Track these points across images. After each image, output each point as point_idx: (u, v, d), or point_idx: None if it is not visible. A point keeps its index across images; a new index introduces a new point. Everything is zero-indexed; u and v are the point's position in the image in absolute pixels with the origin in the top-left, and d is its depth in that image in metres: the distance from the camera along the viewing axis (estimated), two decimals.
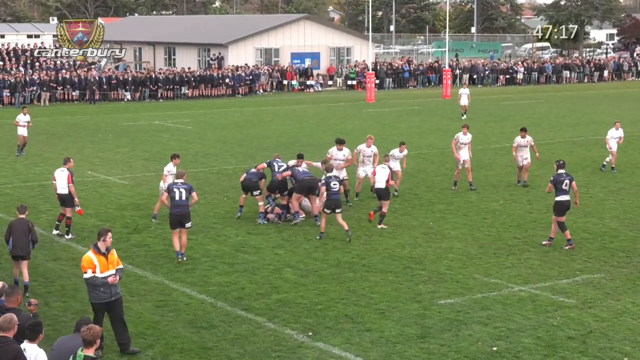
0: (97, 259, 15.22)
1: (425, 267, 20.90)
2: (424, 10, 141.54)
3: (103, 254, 15.30)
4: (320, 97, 68.97)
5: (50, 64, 72.37)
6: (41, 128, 47.35)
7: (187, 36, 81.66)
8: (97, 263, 15.18)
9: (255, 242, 23.22)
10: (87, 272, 15.21)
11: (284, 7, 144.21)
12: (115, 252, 15.56)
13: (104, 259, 15.27)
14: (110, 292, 15.30)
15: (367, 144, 28.30)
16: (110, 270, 15.29)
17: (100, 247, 15.32)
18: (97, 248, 15.32)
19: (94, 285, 15.16)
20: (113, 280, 15.23)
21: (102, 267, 15.20)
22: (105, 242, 15.29)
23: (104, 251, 15.34)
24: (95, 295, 15.27)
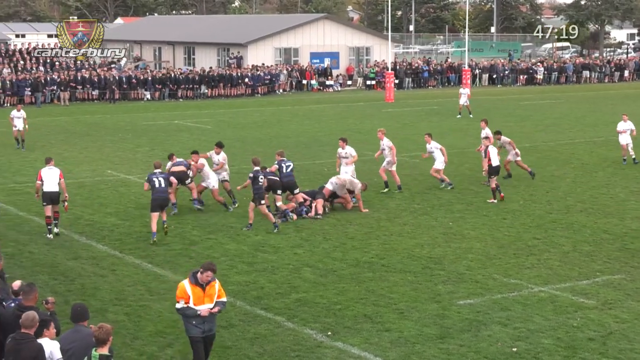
0: (192, 290, 13.91)
1: (444, 267, 20.85)
2: (444, 10, 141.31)
3: (200, 286, 13.94)
4: (340, 96, 68.93)
5: (70, 63, 72.66)
6: (61, 127, 47.58)
7: (207, 36, 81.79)
8: (191, 294, 13.90)
9: (275, 241, 23.23)
10: (179, 302, 14.00)
11: (303, 7, 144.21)
12: (217, 284, 14.11)
13: (200, 291, 13.94)
14: (202, 328, 14.04)
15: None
16: (207, 304, 13.96)
17: (199, 278, 13.95)
18: (195, 278, 13.97)
19: (186, 316, 14.00)
20: (205, 313, 13.91)
21: (196, 299, 13.92)
22: (202, 275, 13.91)
23: (202, 283, 13.96)
24: (188, 328, 14.13)
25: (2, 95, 60.50)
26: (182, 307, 13.96)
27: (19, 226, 24.84)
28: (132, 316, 17.34)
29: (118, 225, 25.02)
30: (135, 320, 17.09)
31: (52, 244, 22.94)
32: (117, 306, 17.88)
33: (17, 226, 24.84)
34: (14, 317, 12.56)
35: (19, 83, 61.27)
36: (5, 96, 60.63)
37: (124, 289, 19.16)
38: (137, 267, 20.87)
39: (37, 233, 24.14)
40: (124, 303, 18.15)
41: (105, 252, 22.23)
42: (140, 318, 17.26)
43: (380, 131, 30.35)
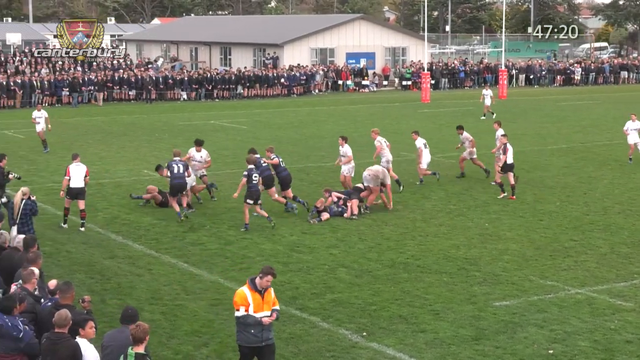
0: (252, 297, 13.44)
1: (480, 268, 20.76)
2: (480, 10, 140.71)
3: (259, 292, 13.50)
4: (375, 97, 68.87)
5: (107, 63, 73.13)
6: (98, 127, 47.90)
7: (243, 36, 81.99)
8: (251, 301, 13.42)
9: (310, 241, 23.24)
10: (240, 310, 13.42)
11: (339, 7, 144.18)
12: (272, 291, 13.75)
13: (260, 298, 13.49)
14: (261, 337, 13.49)
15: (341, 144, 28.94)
16: (265, 311, 13.51)
17: (258, 284, 13.52)
18: (254, 284, 13.53)
19: (245, 324, 13.40)
20: (267, 321, 13.44)
21: (256, 306, 13.44)
22: (261, 280, 13.47)
23: (261, 289, 13.54)
24: (243, 337, 13.51)
25: (41, 95, 60.97)
26: (243, 315, 13.39)
27: (57, 225, 25.02)
28: (168, 315, 17.41)
29: (154, 225, 25.14)
30: (171, 320, 17.16)
31: (89, 243, 23.10)
32: (153, 305, 17.97)
33: (54, 225, 25.02)
34: (51, 316, 12.65)
35: (57, 83, 61.74)
36: (43, 96, 61.10)
37: (160, 288, 19.25)
38: (173, 267, 20.97)
39: (74, 232, 24.32)
40: (159, 302, 18.24)
41: (141, 252, 22.35)
42: (176, 317, 17.33)
43: (374, 131, 30.59)
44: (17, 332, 12.09)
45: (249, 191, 24.44)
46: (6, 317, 12.14)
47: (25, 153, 37.34)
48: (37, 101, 60.63)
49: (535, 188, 30.34)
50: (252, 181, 24.42)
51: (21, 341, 12.13)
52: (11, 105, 59.06)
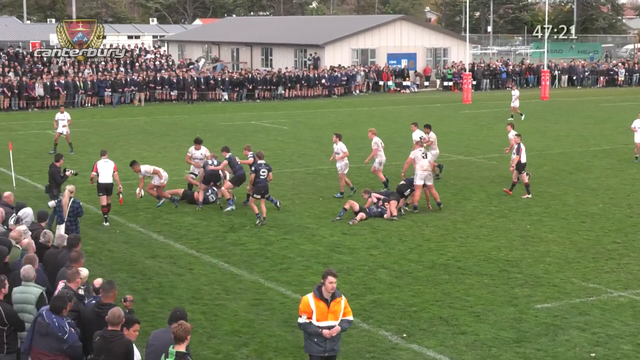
0: (316, 305, 12.91)
1: (521, 270, 20.63)
2: (522, 11, 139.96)
3: (325, 300, 12.92)
4: (416, 98, 68.71)
5: (149, 64, 73.62)
6: (140, 127, 48.19)
7: (284, 37, 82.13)
8: (314, 309, 12.91)
9: (350, 242, 23.22)
10: (302, 317, 12.99)
11: (380, 8, 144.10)
12: (344, 301, 13.08)
13: (325, 306, 12.91)
14: (324, 347, 13.00)
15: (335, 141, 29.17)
16: (330, 321, 12.92)
17: (323, 291, 12.95)
18: (319, 292, 12.98)
19: (307, 333, 13.00)
20: (328, 334, 12.87)
21: (319, 314, 12.90)
22: (325, 284, 12.92)
23: (327, 297, 12.96)
24: (308, 345, 13.13)
25: (84, 96, 61.49)
26: (304, 323, 12.97)
27: (99, 224, 25.22)
28: (209, 315, 17.48)
29: (195, 225, 25.25)
30: (212, 319, 17.22)
31: (130, 243, 23.25)
32: (193, 305, 18.04)
33: (97, 224, 25.22)
34: (94, 314, 12.77)
35: (100, 84, 62.22)
36: (86, 96, 61.62)
37: (201, 288, 19.32)
38: (213, 266, 21.04)
39: (116, 231, 24.49)
40: (200, 302, 18.31)
41: (182, 251, 22.46)
42: (217, 317, 17.39)
43: (371, 131, 30.85)
44: (63, 333, 12.21)
45: (256, 186, 25.12)
46: (54, 317, 12.26)
47: (68, 153, 37.62)
48: (80, 102, 61.18)
49: (578, 190, 30.11)
50: (259, 176, 25.05)
51: (65, 342, 12.24)
52: (55, 105, 59.57)
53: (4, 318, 12.86)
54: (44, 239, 16.35)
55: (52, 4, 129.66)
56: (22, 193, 28.03)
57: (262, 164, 25.31)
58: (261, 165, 25.24)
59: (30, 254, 14.64)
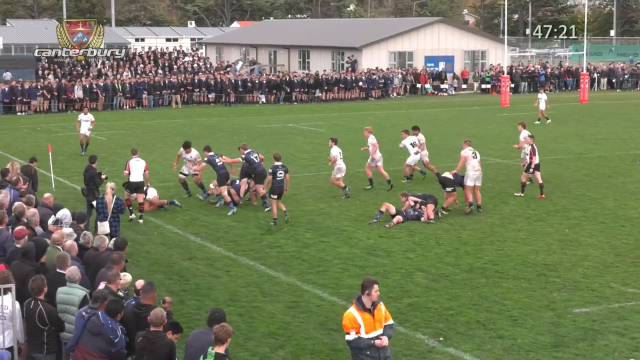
0: (362, 317, 12.64)
1: (559, 274, 20.49)
2: (561, 13, 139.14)
3: (368, 311, 12.69)
4: (454, 100, 68.49)
5: (188, 67, 73.98)
6: (178, 129, 48.42)
7: (322, 39, 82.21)
8: (361, 322, 12.61)
9: (387, 245, 23.19)
10: (350, 333, 12.61)
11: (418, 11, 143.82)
12: (383, 306, 12.94)
13: (370, 317, 12.68)
14: (378, 357, 12.69)
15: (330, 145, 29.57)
16: (378, 330, 12.71)
17: (365, 302, 12.73)
18: (361, 303, 12.72)
19: (359, 348, 12.62)
20: (381, 343, 12.61)
21: (367, 326, 12.63)
22: (370, 295, 12.69)
23: (370, 307, 12.73)
24: None
25: (122, 98, 61.90)
26: (354, 339, 12.59)
27: (136, 226, 25.37)
28: (245, 317, 17.51)
29: (232, 227, 25.33)
30: (249, 321, 17.26)
31: (168, 244, 23.37)
32: (230, 307, 18.08)
33: (134, 226, 25.37)
34: (133, 315, 12.87)
35: (137, 86, 62.60)
36: (124, 98, 62.03)
37: (238, 290, 19.38)
38: (250, 269, 21.09)
39: (154, 233, 24.62)
40: (237, 304, 18.36)
41: (219, 253, 22.53)
42: (253, 319, 17.43)
43: (367, 129, 31.73)
44: (115, 336, 12.31)
45: (273, 187, 25.47)
46: (109, 319, 12.37)
47: (107, 154, 37.89)
48: (118, 104, 61.58)
49: (617, 194, 29.87)
50: (276, 177, 25.42)
51: (114, 346, 12.33)
52: (93, 107, 60.03)
53: (45, 318, 12.98)
54: (83, 240, 16.46)
55: (92, 7, 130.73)
56: (61, 194, 28.25)
57: (279, 166, 25.67)
58: (278, 167, 25.61)
59: (62, 253, 14.74)
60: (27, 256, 14.77)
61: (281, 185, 25.52)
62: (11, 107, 58.50)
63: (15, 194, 20.54)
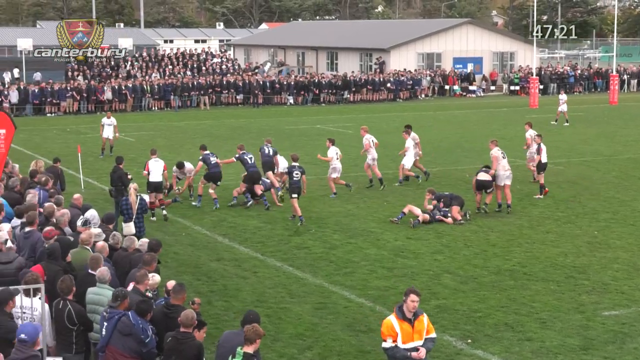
0: (400, 326, 12.40)
1: (588, 277, 20.38)
2: (591, 14, 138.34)
3: (408, 321, 12.45)
4: (482, 102, 68.27)
5: (216, 68, 74.17)
6: (206, 131, 48.55)
7: (350, 41, 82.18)
8: (399, 331, 12.38)
9: (415, 247, 23.14)
10: (387, 341, 12.44)
11: (446, 12, 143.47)
12: (426, 318, 12.68)
13: (409, 327, 12.44)
14: None
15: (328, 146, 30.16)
16: (416, 341, 12.48)
17: (405, 311, 12.48)
18: (402, 312, 12.48)
19: (394, 357, 12.46)
20: (417, 356, 12.39)
21: (405, 336, 12.39)
22: (406, 304, 12.44)
23: (410, 317, 12.48)
24: None
25: (150, 99, 62.15)
26: (390, 347, 12.42)
27: (165, 227, 25.46)
28: (273, 318, 17.53)
29: (260, 228, 25.36)
30: (276, 322, 17.27)
31: (195, 245, 23.43)
32: (258, 308, 18.06)
33: (163, 227, 25.46)
34: (162, 315, 12.92)
35: (166, 87, 62.81)
36: (152, 100, 62.28)
37: (265, 291, 19.40)
38: (278, 270, 21.11)
39: (181, 234, 24.69)
40: (264, 305, 18.37)
41: (247, 254, 22.56)
42: (281, 320, 17.44)
43: (363, 129, 32.39)
44: (145, 336, 12.36)
45: (292, 187, 26.04)
46: (140, 319, 12.43)
47: (135, 155, 38.03)
48: (147, 105, 61.83)
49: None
50: (293, 177, 26.00)
51: (145, 346, 12.38)
52: (122, 108, 60.33)
53: (74, 318, 13.04)
54: (112, 241, 16.54)
55: (121, 8, 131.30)
56: (90, 195, 28.39)
57: (296, 166, 26.29)
58: (294, 167, 26.27)
59: (95, 254, 14.83)
60: (53, 256, 14.86)
61: (298, 185, 26.02)
62: (41, 108, 58.89)
63: (44, 194, 20.68)
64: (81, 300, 13.81)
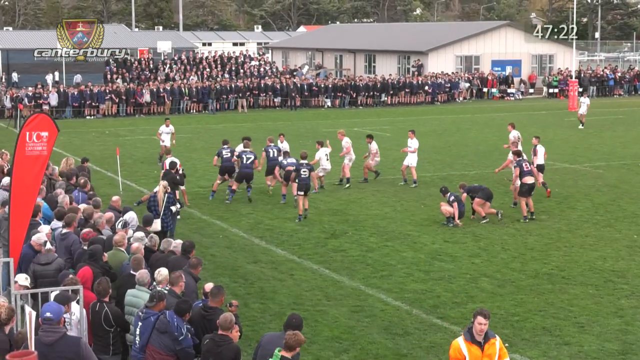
0: (468, 349, 11.86)
1: (628, 281, 20.20)
2: (632, 17, 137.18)
3: (478, 344, 11.87)
4: (521, 105, 67.90)
5: (254, 71, 74.38)
6: (243, 133, 48.43)
7: (387, 43, 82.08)
8: (467, 354, 11.85)
9: (452, 250, 23.06)
10: None
11: (485, 15, 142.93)
12: (498, 342, 12.06)
13: (478, 350, 11.86)
14: None
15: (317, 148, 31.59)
16: None
17: (474, 333, 11.90)
18: (471, 334, 11.93)
19: None
20: None
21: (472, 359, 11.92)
22: (474, 327, 11.91)
23: (480, 340, 11.89)
24: None
25: (188, 102, 62.42)
26: None
27: (202, 229, 25.55)
28: (309, 321, 17.52)
29: (297, 231, 25.38)
30: (312, 325, 17.27)
31: (232, 248, 23.49)
32: (294, 310, 18.06)
33: (200, 229, 25.55)
34: (200, 317, 12.99)
35: (204, 90, 63.05)
36: (191, 102, 62.54)
37: (302, 294, 19.41)
38: (314, 272, 21.11)
39: (219, 236, 24.76)
40: (301, 307, 18.37)
41: (283, 257, 22.59)
42: (317, 323, 17.44)
43: (340, 132, 33.51)
44: (179, 334, 12.42)
45: (299, 184, 26.65)
46: (175, 317, 12.50)
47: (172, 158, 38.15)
48: (185, 108, 62.09)
49: None
50: (300, 175, 26.69)
51: (179, 344, 12.44)
52: (161, 111, 60.64)
53: (111, 319, 13.13)
54: (150, 243, 16.63)
55: (160, 12, 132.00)
56: (128, 197, 28.55)
57: (304, 164, 27.11)
58: (302, 165, 27.06)
59: (137, 256, 14.93)
60: (94, 258, 14.96)
61: (306, 182, 26.73)
62: (80, 111, 59.34)
63: (83, 196, 20.85)
64: (122, 301, 13.91)
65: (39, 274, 15.01)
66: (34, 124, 14.47)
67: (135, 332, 12.89)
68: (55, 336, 11.25)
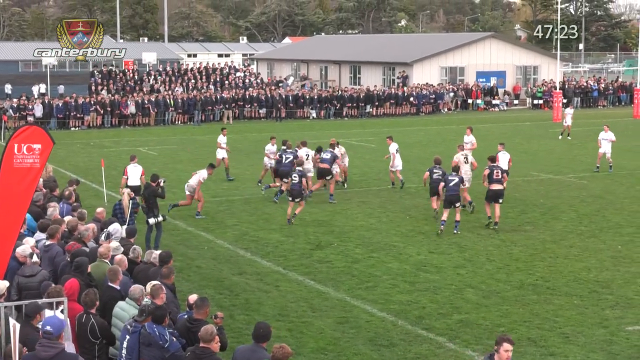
0: None
1: (612, 291, 20.25)
2: (615, 28, 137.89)
3: None
4: (505, 116, 68.10)
5: (239, 82, 74.39)
6: (229, 145, 48.51)
7: (372, 55, 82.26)
8: None
9: (437, 261, 23.08)
10: None
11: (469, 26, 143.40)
12: None
13: None
14: None
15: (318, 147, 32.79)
16: None
17: None
18: None
19: None
20: None
21: None
22: (499, 354, 11.45)
23: None
24: None
25: (174, 113, 62.32)
26: None
27: (188, 241, 25.51)
28: (295, 332, 17.51)
29: (282, 242, 25.36)
30: (298, 337, 17.25)
31: (218, 259, 23.45)
32: (279, 322, 18.09)
33: (185, 241, 25.50)
34: (185, 329, 12.92)
35: (189, 101, 62.97)
36: (176, 114, 62.45)
37: (287, 305, 19.38)
38: (300, 284, 21.09)
39: (204, 248, 24.72)
40: (286, 319, 18.36)
41: (269, 268, 22.56)
42: (303, 334, 17.42)
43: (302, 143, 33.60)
44: (164, 341, 12.36)
45: (291, 189, 27.79)
46: (155, 327, 12.45)
47: (158, 170, 38.11)
48: (170, 119, 61.94)
49: None
50: (292, 181, 27.76)
51: (167, 351, 12.38)
52: (146, 123, 60.55)
53: (97, 331, 13.07)
54: (133, 255, 16.58)
55: (145, 23, 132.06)
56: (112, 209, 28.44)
57: (297, 170, 28.24)
58: (294, 171, 28.26)
59: (113, 267, 14.86)
60: (79, 270, 14.89)
61: (297, 188, 27.55)
62: (65, 122, 59.18)
63: (67, 208, 20.77)
64: (103, 313, 13.84)
65: (23, 286, 14.91)
66: (24, 136, 14.32)
67: (121, 345, 12.83)
68: (53, 351, 11.15)
